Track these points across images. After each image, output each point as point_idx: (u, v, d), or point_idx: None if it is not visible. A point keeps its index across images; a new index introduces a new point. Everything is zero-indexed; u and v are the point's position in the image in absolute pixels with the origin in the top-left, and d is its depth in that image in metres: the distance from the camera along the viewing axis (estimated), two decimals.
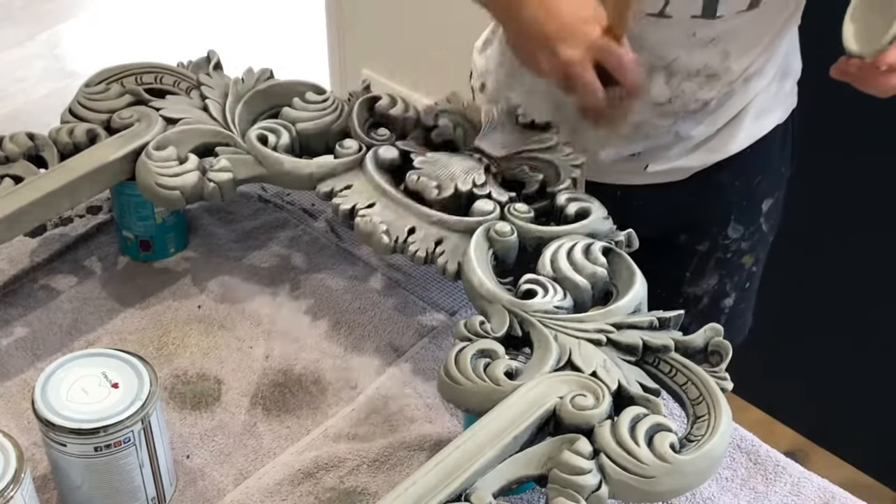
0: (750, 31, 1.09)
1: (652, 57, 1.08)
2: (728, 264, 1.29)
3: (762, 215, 1.29)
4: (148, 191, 1.00)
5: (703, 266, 1.29)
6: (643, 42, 1.05)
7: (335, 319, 1.04)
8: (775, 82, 1.20)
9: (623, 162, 1.19)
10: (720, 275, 1.29)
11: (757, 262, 1.32)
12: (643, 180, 1.21)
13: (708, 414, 0.81)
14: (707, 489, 0.89)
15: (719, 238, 1.27)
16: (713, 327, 0.87)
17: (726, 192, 1.24)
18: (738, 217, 1.26)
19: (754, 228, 1.29)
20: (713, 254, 1.28)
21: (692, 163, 1.20)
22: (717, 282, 1.30)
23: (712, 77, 1.11)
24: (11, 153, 1.02)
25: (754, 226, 1.28)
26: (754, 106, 1.19)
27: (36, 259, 1.09)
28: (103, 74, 1.10)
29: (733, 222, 1.26)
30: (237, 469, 0.91)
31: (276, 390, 0.97)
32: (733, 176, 1.23)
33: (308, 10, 2.96)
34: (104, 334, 1.02)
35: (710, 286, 1.30)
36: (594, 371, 0.83)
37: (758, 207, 1.28)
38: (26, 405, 0.92)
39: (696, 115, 1.15)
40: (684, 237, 1.27)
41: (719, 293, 1.31)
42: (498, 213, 0.97)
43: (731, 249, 1.28)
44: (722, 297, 1.32)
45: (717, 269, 1.29)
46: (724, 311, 1.32)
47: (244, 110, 1.07)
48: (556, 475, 0.76)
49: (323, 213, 1.16)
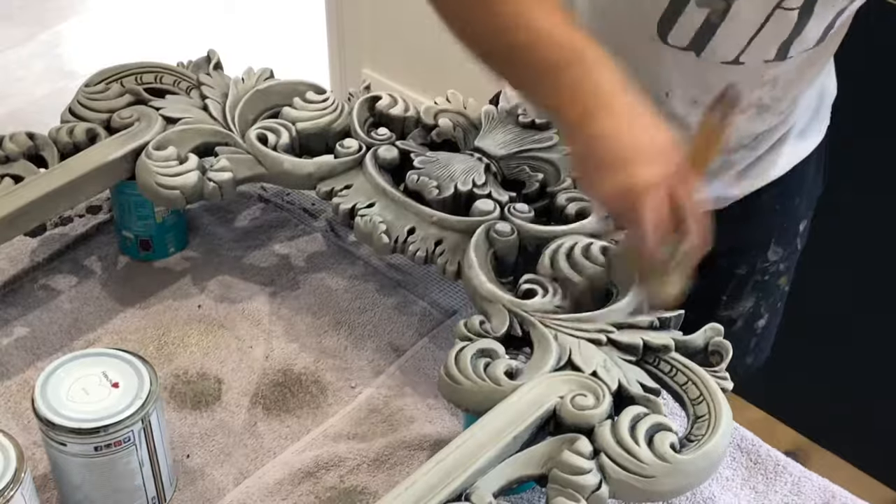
0: (808, 65, 1.07)
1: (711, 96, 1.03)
2: (765, 286, 1.26)
3: (799, 235, 1.26)
4: (148, 190, 1.00)
5: (740, 289, 1.25)
6: (708, 85, 1.02)
7: (335, 319, 1.04)
8: (813, 105, 1.18)
9: None
10: (756, 297, 1.26)
11: (790, 281, 1.30)
12: None
13: (708, 414, 0.81)
14: (707, 489, 0.89)
15: (759, 261, 1.23)
16: (713, 327, 0.87)
17: (767, 216, 1.21)
18: (779, 239, 1.24)
19: (791, 249, 1.26)
20: (751, 277, 1.24)
21: (735, 191, 1.17)
22: (752, 304, 1.26)
23: (763, 109, 1.09)
24: (11, 153, 1.02)
25: (792, 246, 1.26)
26: (795, 129, 1.17)
27: (36, 259, 1.09)
28: (103, 74, 1.10)
29: (773, 245, 1.23)
30: (237, 469, 0.91)
31: (276, 390, 0.97)
32: (774, 199, 1.20)
33: (308, 10, 2.96)
34: (104, 334, 1.02)
35: (745, 309, 1.26)
36: (594, 371, 0.83)
37: (796, 228, 1.25)
38: (26, 405, 0.92)
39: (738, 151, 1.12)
40: (724, 261, 1.21)
41: (754, 315, 1.27)
42: (498, 212, 0.97)
43: (769, 272, 1.25)
44: (756, 319, 1.28)
45: (754, 292, 1.25)
46: (755, 333, 1.29)
47: (244, 110, 1.07)
48: (556, 475, 0.76)
49: (323, 212, 1.16)
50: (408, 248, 0.96)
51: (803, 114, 1.17)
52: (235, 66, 1.14)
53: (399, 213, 0.98)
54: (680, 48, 1.01)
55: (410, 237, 0.96)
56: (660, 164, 0.80)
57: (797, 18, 0.97)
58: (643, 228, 0.80)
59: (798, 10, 0.96)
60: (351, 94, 1.09)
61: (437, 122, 1.05)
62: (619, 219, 0.85)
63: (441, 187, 0.98)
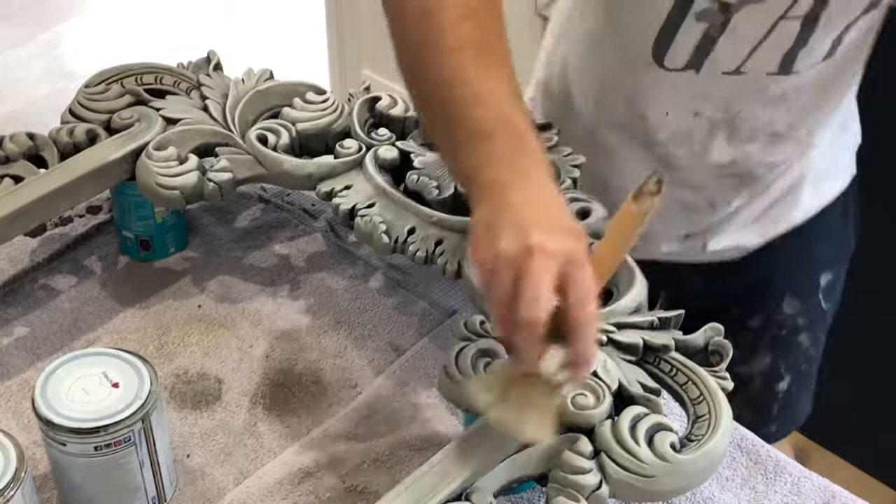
0: (818, 86, 1.03)
1: (715, 110, 1.03)
2: (783, 343, 1.19)
3: (820, 290, 1.20)
4: (148, 191, 1.00)
5: (755, 344, 1.19)
6: (708, 95, 1.01)
7: (335, 319, 1.04)
8: (834, 147, 1.13)
9: (680, 242, 1.13)
10: (774, 354, 1.19)
11: (815, 342, 1.22)
12: (701, 259, 1.14)
13: (708, 413, 0.81)
14: (707, 489, 0.89)
15: (774, 313, 1.18)
16: (713, 327, 0.87)
17: (781, 262, 1.17)
18: (794, 290, 1.18)
19: (812, 304, 1.19)
20: (767, 330, 1.18)
21: (753, 238, 1.14)
22: (770, 361, 1.20)
23: (776, 137, 1.06)
24: (11, 153, 1.02)
25: (812, 301, 1.19)
26: (813, 172, 1.12)
27: (36, 259, 1.09)
28: (103, 75, 1.10)
29: (788, 296, 1.18)
30: (237, 468, 0.91)
31: (276, 390, 0.97)
32: (789, 244, 1.16)
33: (308, 10, 2.96)
34: (104, 334, 1.02)
35: (762, 366, 1.20)
36: (594, 371, 0.83)
37: (815, 280, 1.19)
38: (26, 405, 0.92)
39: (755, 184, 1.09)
40: (736, 310, 1.17)
41: (773, 375, 1.20)
42: None
43: (786, 326, 1.18)
44: (776, 380, 1.21)
45: (771, 348, 1.19)
46: (777, 397, 1.21)
47: (244, 111, 1.07)
48: (556, 475, 0.76)
49: (323, 212, 1.16)
50: (408, 248, 0.96)
51: (823, 155, 1.12)
52: (235, 66, 1.14)
53: (399, 214, 0.98)
54: (678, 70, 1.00)
55: (410, 237, 0.96)
56: (560, 239, 0.72)
57: (800, 29, 0.95)
58: (523, 292, 0.70)
59: (801, 19, 0.94)
60: (351, 95, 1.09)
61: None
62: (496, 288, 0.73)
63: (441, 187, 0.98)
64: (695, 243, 1.14)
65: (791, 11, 0.93)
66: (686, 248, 1.14)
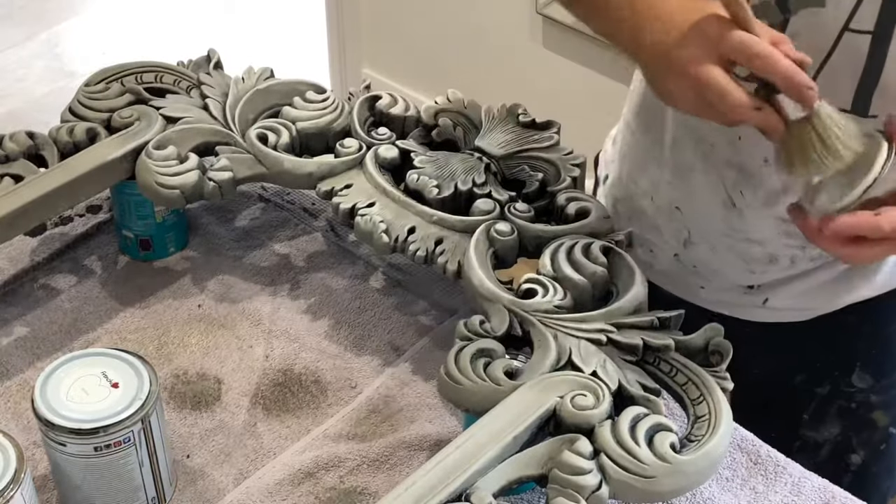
0: None
1: None
2: (853, 416, 1.13)
3: None
4: (148, 190, 1.00)
5: (823, 411, 1.13)
6: None
7: (335, 319, 1.04)
8: None
9: (741, 293, 1.08)
10: (843, 426, 1.14)
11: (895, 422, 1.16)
12: (761, 317, 1.09)
13: (708, 414, 0.81)
14: (707, 489, 0.89)
15: (842, 384, 1.12)
16: (713, 327, 0.87)
17: (851, 337, 1.10)
18: (865, 366, 1.11)
19: (889, 383, 1.13)
20: (835, 400, 1.13)
21: (817, 303, 1.07)
22: (839, 432, 1.14)
23: None
24: (11, 152, 1.02)
25: (889, 380, 1.13)
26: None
27: (36, 258, 1.09)
28: (103, 73, 1.10)
29: (859, 370, 1.11)
30: (237, 469, 0.91)
31: (276, 390, 0.97)
32: (861, 319, 1.09)
33: (308, 10, 2.96)
34: (104, 334, 1.02)
35: (831, 435, 1.14)
36: (594, 371, 0.83)
37: (893, 361, 1.13)
38: (26, 405, 0.92)
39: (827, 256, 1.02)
40: (801, 378, 1.12)
41: (843, 446, 1.15)
42: (498, 212, 0.97)
43: (856, 399, 1.13)
44: (846, 452, 1.15)
45: (840, 419, 1.14)
46: (849, 469, 1.15)
47: (244, 109, 1.07)
48: (556, 475, 0.76)
49: (323, 212, 1.16)
50: (408, 247, 0.96)
51: None
52: (235, 65, 1.14)
53: (399, 213, 0.98)
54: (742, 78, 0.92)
55: (410, 237, 0.96)
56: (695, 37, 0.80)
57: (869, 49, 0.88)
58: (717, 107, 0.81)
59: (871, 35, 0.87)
60: (351, 94, 1.09)
61: (437, 122, 1.05)
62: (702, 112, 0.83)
63: (441, 187, 0.98)
64: (756, 298, 1.08)
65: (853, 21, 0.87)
66: (746, 301, 1.09)
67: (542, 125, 1.05)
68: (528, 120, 1.05)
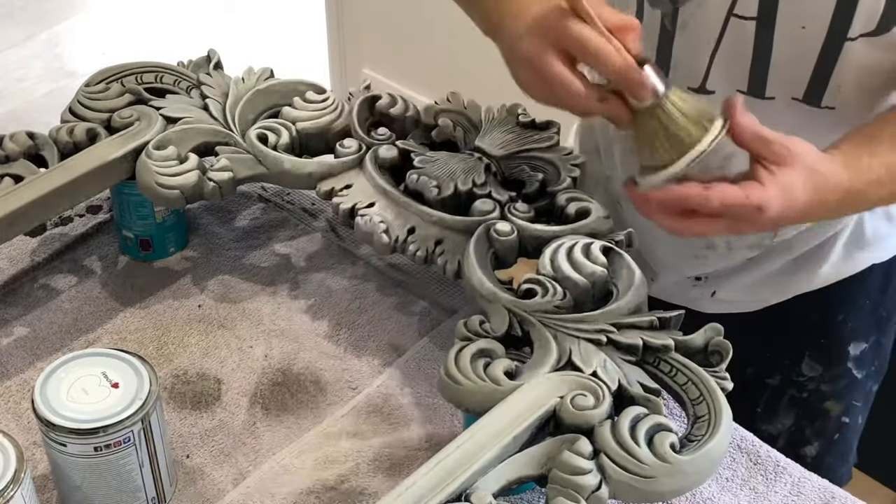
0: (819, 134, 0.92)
1: None
2: (805, 405, 1.15)
3: (850, 359, 1.14)
4: (148, 190, 1.00)
5: (775, 403, 1.15)
6: None
7: (335, 319, 1.04)
8: (875, 218, 1.07)
9: (690, 285, 1.10)
10: (796, 415, 1.16)
11: (848, 411, 1.18)
12: (711, 308, 1.11)
13: (708, 414, 0.81)
14: (707, 489, 0.89)
15: (792, 374, 1.14)
16: (713, 327, 0.87)
17: (800, 326, 1.12)
18: (815, 354, 1.13)
19: (839, 372, 1.14)
20: (786, 390, 1.15)
21: (765, 294, 1.10)
22: (793, 422, 1.16)
23: None
24: (11, 152, 1.02)
25: (839, 368, 1.14)
26: (843, 238, 1.07)
27: (36, 259, 1.09)
28: (103, 74, 1.10)
29: (808, 359, 1.13)
30: (237, 469, 0.91)
31: (275, 390, 0.97)
32: (809, 308, 1.11)
33: (308, 10, 2.96)
34: (104, 334, 1.02)
35: (785, 427, 1.16)
36: (594, 371, 0.83)
37: (842, 349, 1.13)
38: (26, 405, 0.92)
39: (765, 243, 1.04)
40: (751, 370, 1.14)
41: (797, 438, 1.17)
42: (498, 212, 0.97)
43: (807, 389, 1.15)
44: (801, 444, 1.17)
45: (793, 409, 1.16)
46: (805, 461, 1.14)
47: (244, 110, 1.07)
48: (556, 475, 0.76)
49: (323, 212, 1.16)
50: (408, 247, 0.96)
51: (857, 221, 1.06)
52: (235, 65, 1.14)
53: (399, 213, 0.98)
54: None
55: (410, 237, 0.96)
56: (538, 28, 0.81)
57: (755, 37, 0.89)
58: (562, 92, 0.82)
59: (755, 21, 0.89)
60: (351, 94, 1.09)
61: (437, 122, 1.05)
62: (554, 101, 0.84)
63: (441, 187, 0.98)
64: (704, 290, 1.10)
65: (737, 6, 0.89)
66: (695, 293, 1.10)
67: (542, 125, 1.05)
68: (528, 120, 1.05)
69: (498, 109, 1.06)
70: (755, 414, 1.16)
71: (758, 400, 1.16)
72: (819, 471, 1.10)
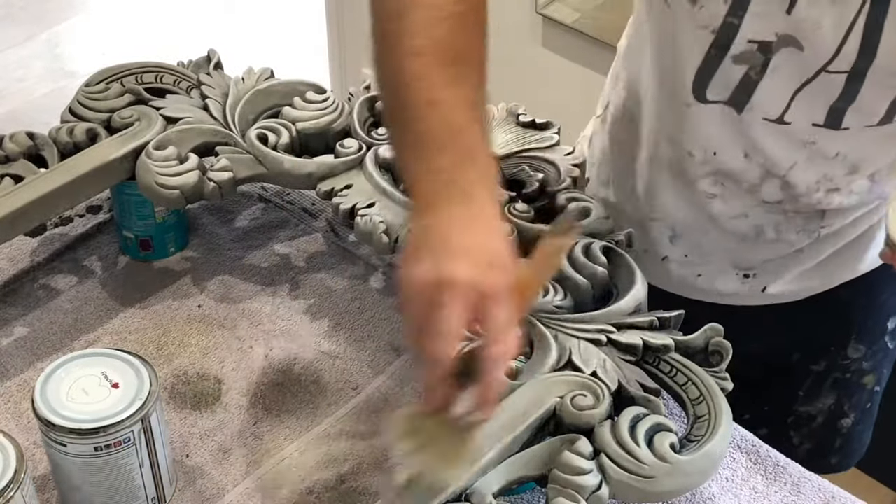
0: (881, 146, 0.96)
1: (767, 163, 0.97)
2: (846, 384, 1.16)
3: (887, 333, 1.16)
4: (148, 190, 1.00)
5: (818, 386, 1.16)
6: (754, 141, 0.95)
7: (335, 319, 1.04)
8: None
9: (739, 285, 1.08)
10: (837, 395, 1.17)
11: (879, 380, 1.19)
12: (762, 301, 1.10)
13: (708, 414, 0.81)
14: (707, 489, 0.89)
15: (838, 358, 1.14)
16: (713, 327, 0.87)
17: (847, 311, 1.12)
18: (860, 337, 1.14)
19: (878, 347, 1.16)
20: (830, 374, 1.15)
21: (813, 283, 1.09)
22: (833, 402, 1.17)
23: (833, 191, 0.99)
24: (11, 152, 1.02)
25: (877, 345, 1.16)
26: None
27: (36, 259, 1.09)
28: (103, 74, 1.10)
29: (854, 342, 1.14)
30: (237, 468, 0.91)
31: (275, 390, 0.97)
32: (856, 294, 1.11)
33: (308, 10, 2.96)
34: (104, 334, 1.02)
35: (825, 406, 1.17)
36: (594, 371, 0.83)
37: (882, 326, 1.15)
38: (26, 405, 0.92)
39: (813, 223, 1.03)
40: (797, 356, 1.14)
41: (836, 413, 1.18)
42: None
43: (850, 370, 1.15)
44: (839, 418, 1.18)
45: (835, 390, 1.16)
46: (840, 432, 1.19)
47: (244, 110, 1.07)
48: (556, 475, 0.76)
49: (323, 212, 1.16)
50: None
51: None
52: (235, 66, 1.14)
53: (399, 213, 0.98)
54: (720, 102, 0.93)
55: None
56: (482, 271, 0.71)
57: (844, 84, 0.88)
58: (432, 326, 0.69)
59: (846, 74, 0.87)
60: (351, 94, 1.09)
61: None
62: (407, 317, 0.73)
63: None
64: (755, 285, 1.09)
65: (832, 66, 0.87)
66: (747, 290, 1.09)
67: (542, 125, 1.05)
68: (528, 120, 1.05)
69: (498, 109, 1.06)
70: (797, 397, 1.16)
71: (801, 385, 1.16)
72: (852, 440, 1.16)
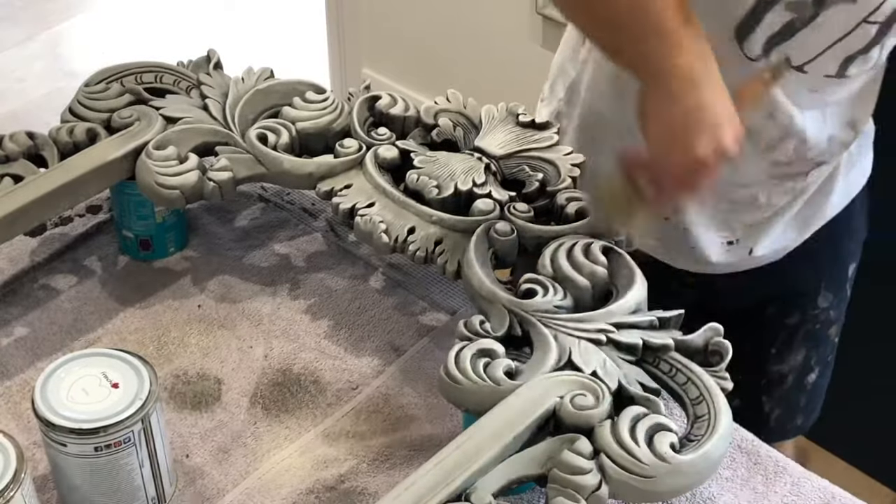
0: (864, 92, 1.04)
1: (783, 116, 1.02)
2: (816, 337, 1.20)
3: (848, 280, 1.21)
4: (148, 190, 1.00)
5: (790, 341, 1.20)
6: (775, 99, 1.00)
7: (335, 319, 1.04)
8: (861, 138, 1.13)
9: (728, 253, 1.13)
10: (807, 348, 1.21)
11: (839, 331, 1.23)
12: (750, 264, 1.14)
13: (708, 414, 0.81)
14: (707, 489, 0.89)
15: (809, 308, 1.19)
16: (713, 327, 0.87)
17: (816, 259, 1.17)
18: (828, 285, 1.19)
19: (842, 296, 1.20)
20: (802, 326, 1.19)
21: (792, 237, 1.14)
22: (802, 357, 1.21)
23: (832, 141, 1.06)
24: (11, 152, 1.02)
25: (842, 293, 1.20)
26: (843, 163, 1.12)
27: (36, 259, 1.09)
28: (103, 74, 1.10)
29: (823, 290, 1.18)
30: (237, 469, 0.91)
31: (275, 390, 0.97)
32: (823, 240, 1.16)
33: (308, 10, 2.96)
34: (104, 334, 1.02)
35: (796, 363, 1.21)
36: (594, 371, 0.83)
37: (845, 273, 1.20)
38: (26, 405, 0.92)
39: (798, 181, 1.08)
40: (772, 309, 1.18)
41: (804, 369, 1.22)
42: (498, 212, 0.97)
43: (819, 320, 1.20)
44: (806, 374, 1.22)
45: (805, 343, 1.20)
46: (806, 389, 1.23)
47: (244, 110, 1.07)
48: (556, 475, 0.76)
49: (323, 212, 1.16)
50: (408, 247, 0.96)
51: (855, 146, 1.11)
52: (235, 66, 1.14)
53: (399, 213, 0.98)
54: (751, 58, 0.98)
55: (410, 237, 0.96)
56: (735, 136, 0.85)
57: (875, 33, 0.95)
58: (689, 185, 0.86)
59: (879, 25, 0.94)
60: (351, 94, 1.09)
61: (437, 122, 1.05)
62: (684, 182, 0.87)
63: (441, 187, 0.98)
64: (741, 250, 1.12)
65: (874, 15, 0.93)
66: (734, 256, 1.12)
67: (542, 125, 1.05)
68: (528, 120, 1.05)
69: (498, 109, 1.06)
70: (769, 356, 1.19)
71: (774, 341, 1.19)
72: (815, 393, 1.22)
